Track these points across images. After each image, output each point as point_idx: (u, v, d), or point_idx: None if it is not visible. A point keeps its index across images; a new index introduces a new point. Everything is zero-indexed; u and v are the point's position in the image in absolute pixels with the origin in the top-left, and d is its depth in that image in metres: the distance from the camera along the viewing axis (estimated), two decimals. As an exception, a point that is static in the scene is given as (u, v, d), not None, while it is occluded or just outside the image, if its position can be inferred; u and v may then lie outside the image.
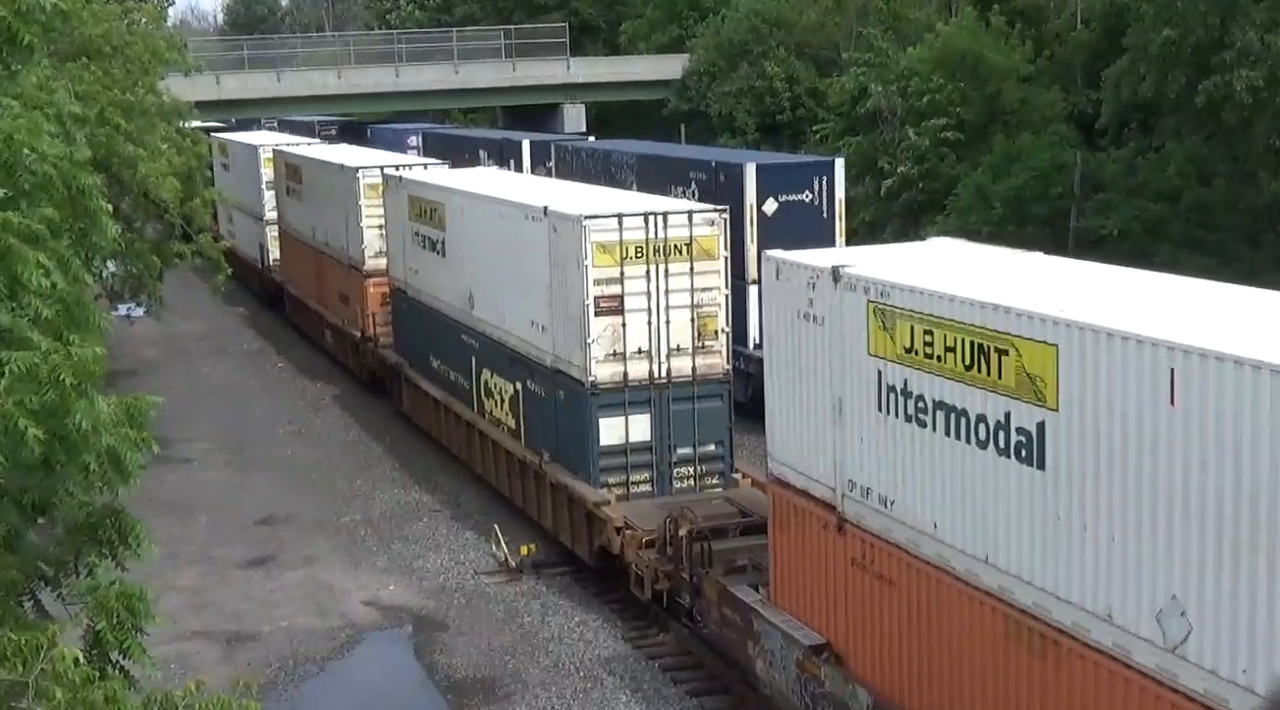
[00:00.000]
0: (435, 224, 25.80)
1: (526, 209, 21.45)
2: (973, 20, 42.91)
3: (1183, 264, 30.48)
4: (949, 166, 40.49)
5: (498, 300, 22.93)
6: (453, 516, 24.47)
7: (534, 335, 21.30)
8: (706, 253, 19.77)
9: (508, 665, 18.48)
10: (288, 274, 41.04)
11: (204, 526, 24.45)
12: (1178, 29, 30.61)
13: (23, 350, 6.88)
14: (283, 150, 41.03)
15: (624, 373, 19.65)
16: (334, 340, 35.86)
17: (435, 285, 26.22)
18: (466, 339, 24.62)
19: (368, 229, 31.10)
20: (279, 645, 19.48)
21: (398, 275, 28.84)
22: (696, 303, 19.78)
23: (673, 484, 19.94)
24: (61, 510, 8.22)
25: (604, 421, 19.68)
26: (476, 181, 26.64)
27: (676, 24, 62.58)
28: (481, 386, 24.13)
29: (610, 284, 19.47)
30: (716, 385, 20.05)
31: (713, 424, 20.04)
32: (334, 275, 34.54)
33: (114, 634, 7.37)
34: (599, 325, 19.47)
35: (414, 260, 27.42)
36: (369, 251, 31.21)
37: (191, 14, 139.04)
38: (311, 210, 36.37)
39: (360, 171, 31.31)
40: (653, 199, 22.84)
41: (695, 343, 19.83)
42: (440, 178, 28.12)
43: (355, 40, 67.00)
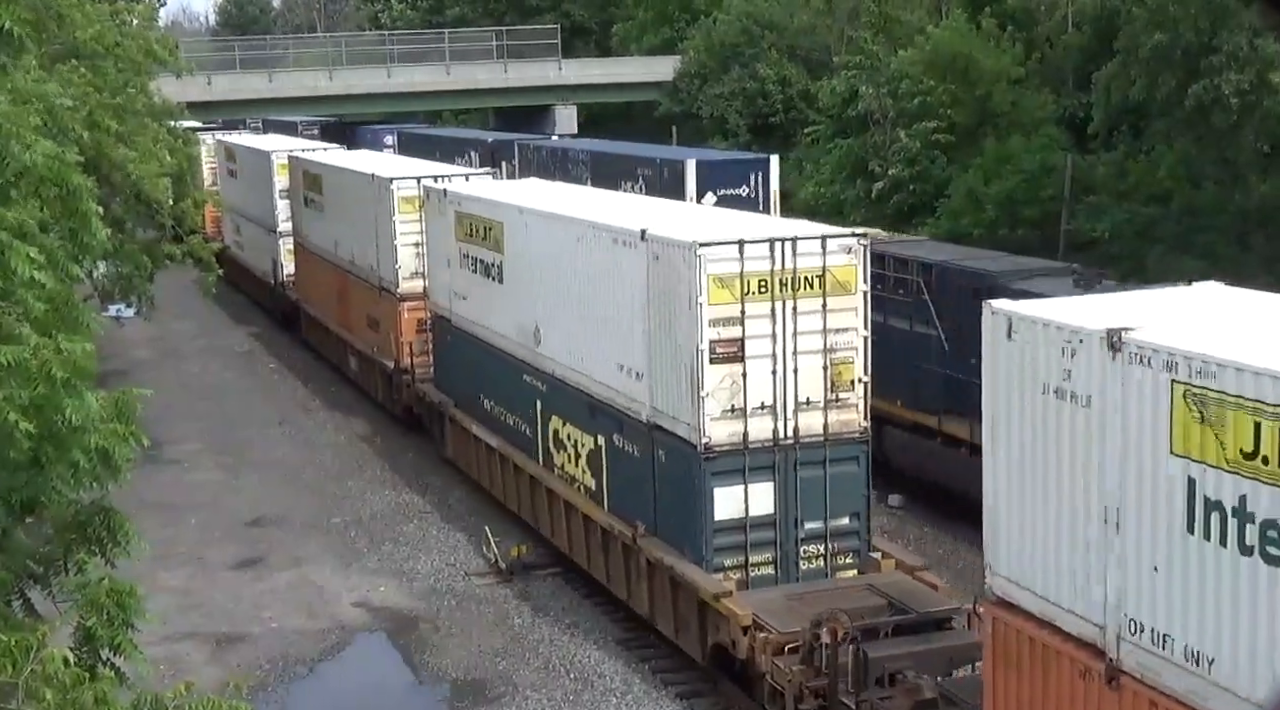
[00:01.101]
0: (490, 245, 22.54)
1: (617, 232, 18.01)
2: (963, 23, 42.99)
3: (1172, 266, 30.59)
4: (940, 169, 40.57)
5: (573, 338, 19.62)
6: (443, 518, 24.45)
7: (624, 382, 17.98)
8: (842, 286, 16.52)
9: (498, 667, 18.47)
10: (304, 292, 37.55)
11: (194, 527, 24.41)
12: (1168, 33, 30.72)
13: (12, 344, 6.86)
14: (301, 157, 37.20)
15: (744, 432, 16.35)
16: (360, 369, 32.47)
17: (489, 316, 22.92)
18: (530, 380, 21.25)
19: (402, 247, 27.88)
20: (269, 646, 19.45)
21: (440, 301, 25.52)
22: (830, 347, 16.53)
23: (799, 565, 16.75)
24: (50, 508, 8.21)
25: (720, 491, 16.35)
26: (542, 197, 23.37)
27: (668, 26, 62.63)
28: (549, 436, 20.75)
29: (729, 325, 16.18)
30: (852, 446, 16.82)
31: (847, 493, 16.84)
32: (361, 297, 31.07)
33: (105, 630, 7.36)
34: (715, 375, 16.16)
35: (462, 285, 24.13)
36: (403, 272, 27.96)
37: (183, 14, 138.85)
38: (334, 224, 33.07)
39: (394, 183, 28.09)
40: (776, 222, 19.61)
41: (828, 395, 16.60)
42: (496, 192, 24.82)
43: (347, 41, 66.96)
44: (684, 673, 17.78)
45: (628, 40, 65.43)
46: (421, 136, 52.23)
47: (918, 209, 40.46)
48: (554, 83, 58.33)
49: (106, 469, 7.45)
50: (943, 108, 40.94)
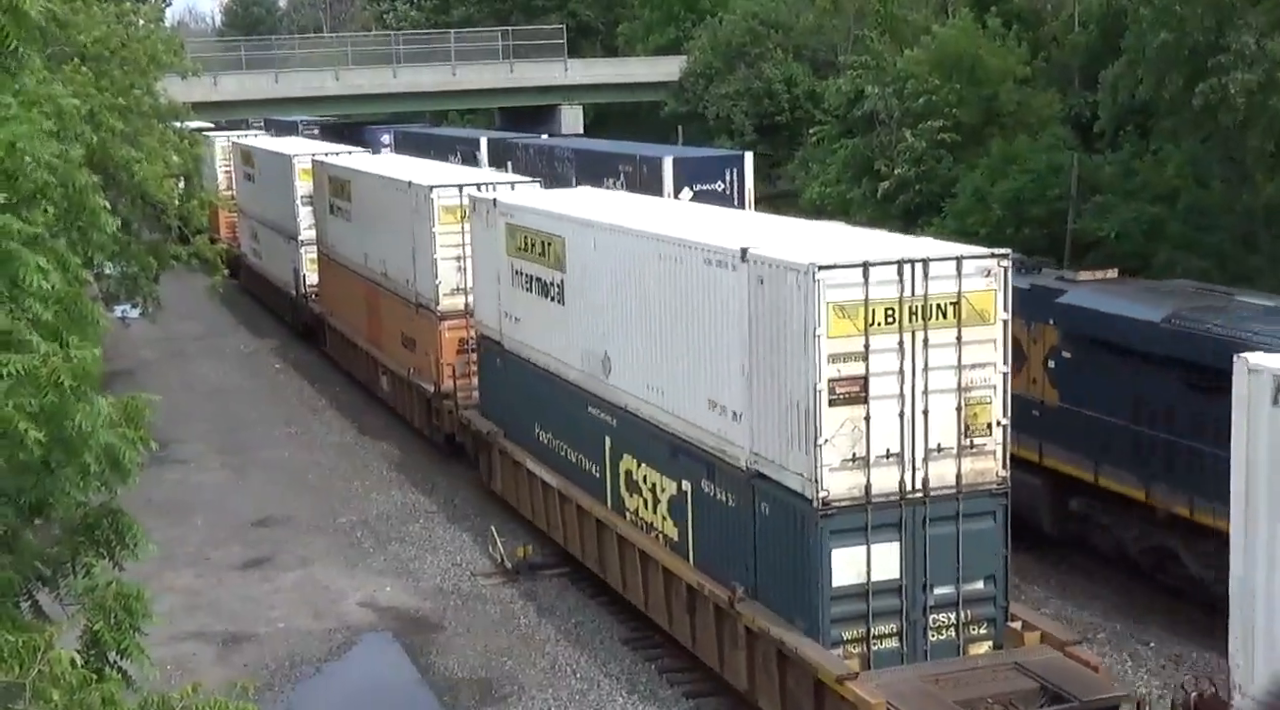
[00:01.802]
0: (549, 262, 20.53)
1: (711, 251, 15.87)
2: (969, 22, 42.95)
3: (1179, 266, 30.56)
4: (946, 168, 40.54)
5: (652, 369, 17.51)
6: (449, 518, 24.47)
7: (717, 422, 15.98)
8: (980, 315, 14.48)
9: (504, 667, 18.48)
10: (329, 305, 35.60)
11: (200, 528, 24.44)
12: (1175, 32, 30.65)
13: (22, 353, 6.89)
14: (326, 162, 34.97)
15: (866, 484, 14.31)
16: (393, 391, 30.19)
17: (548, 340, 20.84)
18: (597, 413, 19.28)
19: (442, 261, 25.83)
20: (275, 647, 19.48)
21: (488, 321, 23.47)
22: (965, 385, 14.53)
23: (927, 636, 14.70)
24: (59, 510, 8.23)
25: (839, 553, 14.33)
26: (608, 209, 20.99)
27: (674, 26, 62.64)
28: (620, 477, 18.76)
29: (851, 361, 14.15)
30: (989, 499, 14.78)
31: (982, 553, 14.81)
32: (394, 312, 29.06)
33: (112, 634, 7.38)
34: (834, 419, 14.14)
35: (514, 305, 22.12)
36: (444, 288, 25.91)
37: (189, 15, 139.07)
38: (364, 233, 31.07)
39: (434, 191, 25.85)
40: (899, 240, 16.87)
41: (962, 440, 14.59)
42: (556, 202, 22.25)
43: (353, 41, 67.03)
44: (690, 672, 17.77)
45: (633, 40, 65.45)
46: (417, 135, 52.92)
47: (924, 208, 40.44)
48: (559, 83, 58.37)
49: (115, 473, 7.47)
50: (949, 107, 40.91)
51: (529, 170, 37.33)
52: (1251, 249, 32.00)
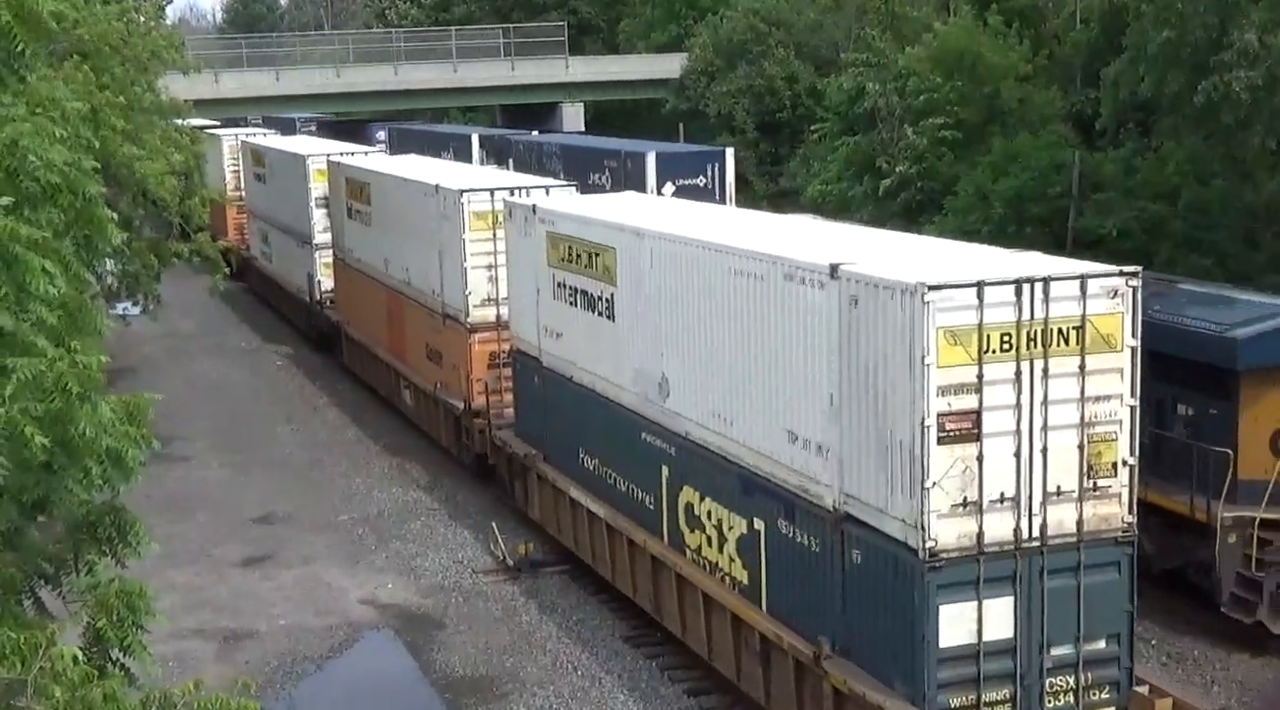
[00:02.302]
0: (597, 274, 18.93)
1: (795, 266, 14.26)
2: (970, 20, 42.96)
3: (1180, 263, 30.56)
4: (947, 166, 40.54)
5: (719, 395, 15.93)
6: (450, 515, 24.48)
7: (798, 456, 14.45)
8: (1105, 341, 13.04)
9: (505, 664, 18.50)
10: (347, 313, 33.91)
11: (202, 525, 24.46)
12: (1177, 29, 30.63)
13: (27, 356, 6.91)
14: (343, 162, 33.48)
15: (978, 532, 12.85)
16: (418, 407, 28.56)
17: (595, 358, 19.27)
18: (653, 441, 17.72)
19: (472, 270, 24.25)
20: (277, 644, 19.50)
21: (526, 336, 21.83)
22: (1088, 419, 13.11)
23: (1043, 702, 13.36)
24: (61, 508, 8.24)
25: (947, 609, 12.83)
26: (664, 217, 19.22)
27: (675, 23, 62.66)
28: (680, 511, 17.19)
29: (963, 393, 12.70)
30: (1113, 548, 13.32)
31: (1105, 608, 13.36)
32: (418, 323, 27.50)
33: (114, 631, 7.39)
34: (944, 458, 12.67)
35: (556, 320, 20.47)
36: (474, 299, 24.35)
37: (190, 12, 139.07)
38: (385, 238, 29.52)
39: (465, 195, 24.26)
40: (1006, 256, 14.71)
41: (1083, 482, 13.13)
42: (604, 210, 20.19)
43: (354, 39, 67.05)
44: (691, 670, 17.78)
45: (635, 37, 65.46)
46: (411, 132, 53.56)
47: (925, 206, 40.45)
48: (561, 80, 58.38)
49: (118, 472, 7.48)
50: (950, 105, 40.91)
51: (519, 166, 38.57)
52: (1253, 246, 32.02)
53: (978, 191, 37.37)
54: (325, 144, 42.55)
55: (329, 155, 35.37)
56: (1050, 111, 40.67)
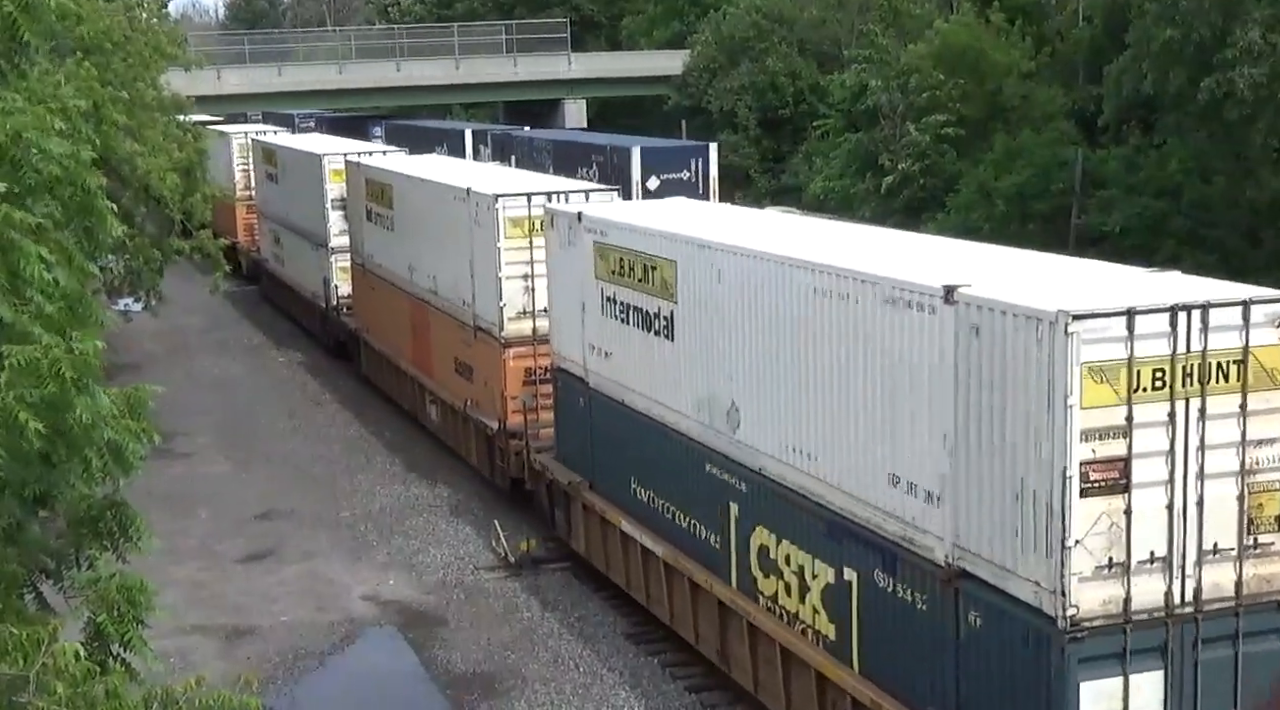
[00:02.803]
0: (654, 290, 17.30)
1: (899, 287, 12.52)
2: (972, 17, 42.96)
3: (1183, 260, 30.55)
4: (950, 163, 40.55)
5: (802, 428, 14.31)
6: (452, 511, 24.49)
7: (900, 501, 12.78)
8: (1270, 377, 11.38)
9: (507, 660, 18.50)
10: (366, 320, 32.28)
11: (204, 520, 24.47)
12: (1180, 26, 30.63)
13: (24, 344, 6.89)
14: (363, 163, 31.80)
15: (1125, 597, 11.17)
16: (445, 424, 26.80)
17: (651, 381, 17.65)
18: (720, 474, 16.04)
19: (507, 281, 22.61)
20: (279, 640, 19.50)
21: (569, 354, 20.16)
22: (1249, 467, 11.42)
23: None
24: (62, 503, 8.23)
25: (1089, 686, 11.16)
26: (729, 228, 17.33)
27: (678, 20, 62.69)
28: (752, 553, 15.54)
29: (1110, 438, 11.01)
30: (1274, 614, 11.60)
31: (1268, 681, 11.75)
32: (446, 335, 25.86)
33: (115, 626, 7.39)
34: (1088, 513, 11.00)
35: (605, 338, 18.85)
36: (509, 311, 22.69)
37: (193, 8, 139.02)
38: (408, 244, 27.85)
39: (500, 201, 22.58)
40: (1154, 277, 12.91)
41: (1244, 539, 11.51)
42: (661, 219, 18.41)
43: (356, 35, 67.17)
44: (693, 666, 17.78)
45: (637, 34, 65.48)
46: (406, 128, 54.31)
47: (928, 203, 40.46)
48: (563, 77, 58.40)
49: (119, 465, 7.47)
50: (952, 102, 40.92)
51: (510, 161, 39.59)
52: (1255, 244, 32.02)
53: (980, 188, 37.39)
54: (342, 143, 40.61)
55: (346, 155, 33.90)
56: (1053, 108, 40.67)
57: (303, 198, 36.49)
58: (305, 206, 36.29)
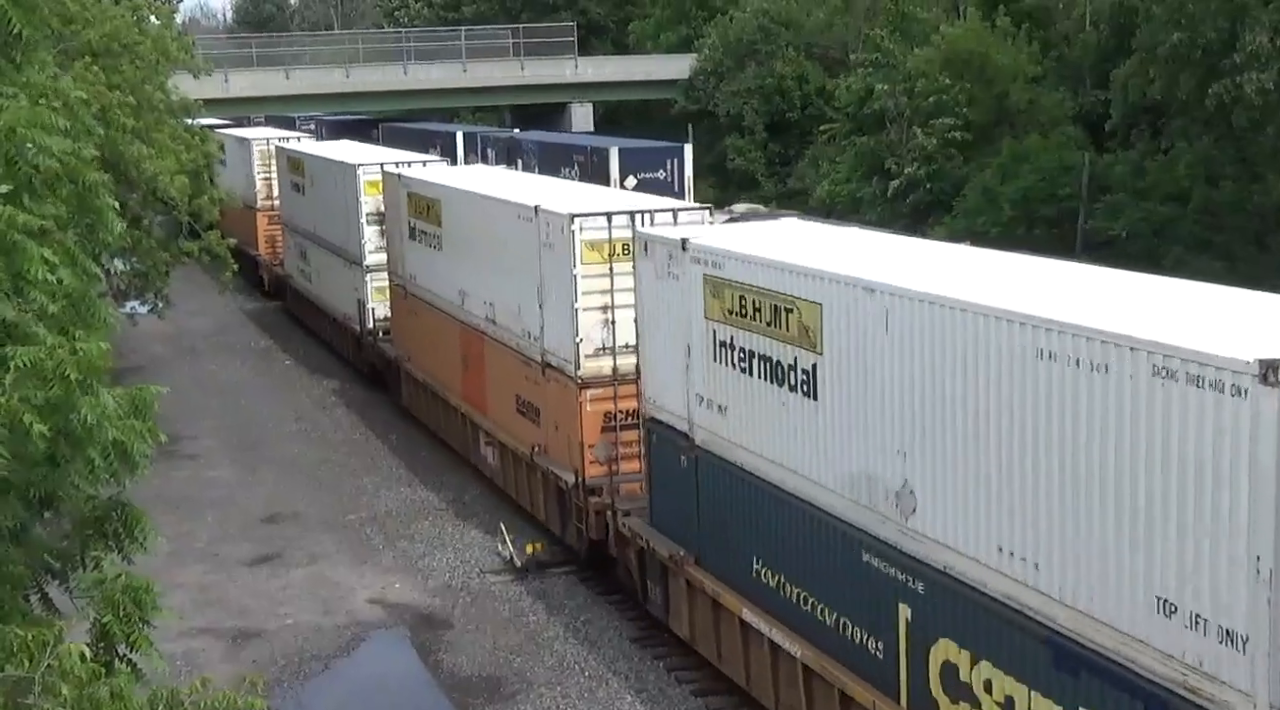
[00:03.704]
0: (789, 336, 14.35)
1: (1178, 357, 9.55)
2: (979, 21, 42.96)
3: (1190, 265, 30.50)
4: (956, 167, 40.54)
5: (1013, 522, 11.31)
6: (458, 515, 24.48)
7: (1180, 637, 9.79)
8: None
9: (513, 664, 18.49)
10: (408, 347, 29.25)
11: (210, 524, 24.48)
12: (1187, 31, 30.61)
13: (28, 345, 6.89)
14: (405, 175, 28.75)
15: None
16: (505, 468, 23.77)
17: (782, 445, 14.67)
18: (883, 567, 13.14)
19: (584, 312, 19.84)
20: (284, 643, 19.50)
21: (668, 404, 17.18)
22: None
23: None
24: (68, 504, 8.24)
25: None
26: (894, 263, 14.12)
27: (685, 24, 62.74)
28: (931, 669, 12.54)
29: None
30: None
31: None
32: (506, 370, 22.86)
33: (120, 628, 7.39)
34: None
35: (717, 388, 15.91)
36: (586, 347, 19.92)
37: (200, 12, 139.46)
38: (461, 267, 24.98)
39: (576, 221, 19.74)
40: None
41: None
42: (793, 250, 15.24)
43: (363, 38, 67.25)
44: (699, 671, 17.76)
45: (644, 38, 65.55)
46: (400, 130, 55.46)
47: (934, 207, 40.44)
48: (570, 80, 58.45)
49: (124, 465, 7.47)
50: (959, 106, 40.91)
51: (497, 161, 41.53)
52: (1263, 248, 31.97)
53: (986, 193, 37.37)
54: (376, 152, 37.94)
55: (384, 165, 31.02)
56: (1059, 113, 40.66)
57: (334, 211, 33.93)
58: (336, 220, 33.71)
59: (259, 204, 43.86)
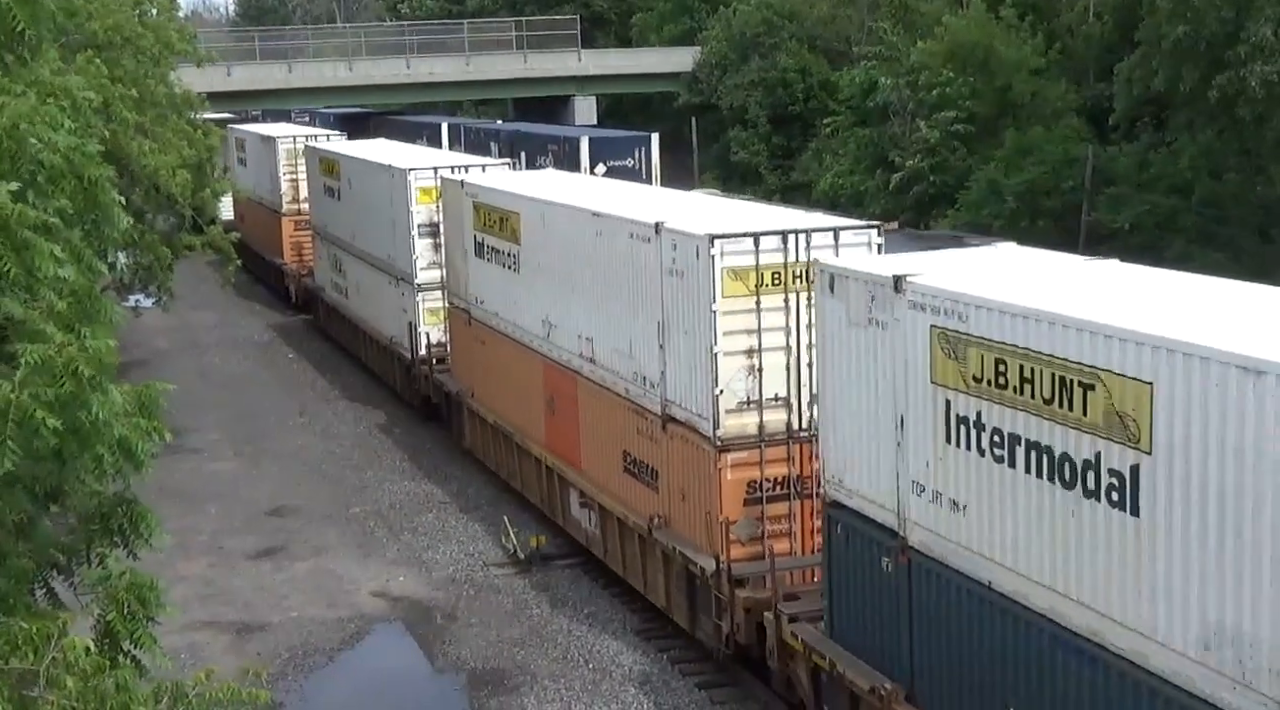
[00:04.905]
0: (1087, 422, 10.69)
1: None
2: (982, 13, 42.89)
3: (1194, 258, 30.49)
4: (960, 160, 40.51)
5: None
6: (461, 508, 24.51)
7: None
8: None
9: (517, 657, 18.52)
10: (472, 381, 25.38)
11: (214, 516, 24.53)
12: (1192, 23, 30.57)
13: (36, 343, 6.91)
14: (473, 183, 24.69)
15: None
16: (609, 539, 19.91)
17: (1071, 570, 10.99)
18: None
19: (725, 357, 16.13)
20: (288, 636, 19.54)
21: (862, 488, 13.63)
22: None
23: None
24: (74, 499, 8.26)
25: None
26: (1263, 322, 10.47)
27: (688, 16, 62.67)
28: None
29: None
30: None
31: None
32: (608, 420, 19.25)
33: (125, 625, 7.41)
34: None
35: (953, 477, 12.26)
36: (727, 401, 16.23)
37: (203, 4, 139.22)
38: (546, 291, 21.20)
39: (717, 245, 16.02)
40: None
41: None
42: (1090, 300, 11.48)
43: (366, 31, 67.16)
44: (702, 663, 17.79)
45: (647, 31, 65.47)
46: (386, 121, 56.23)
47: (937, 200, 40.43)
48: (573, 73, 58.38)
49: (129, 462, 7.49)
50: (962, 99, 40.87)
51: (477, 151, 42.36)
52: (1266, 240, 31.95)
53: (990, 185, 37.33)
54: (429, 154, 34.48)
55: (438, 168, 27.73)
56: (1063, 105, 40.61)
57: (376, 219, 30.56)
58: (380, 230, 30.30)
59: (284, 208, 40.86)
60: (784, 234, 16.28)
